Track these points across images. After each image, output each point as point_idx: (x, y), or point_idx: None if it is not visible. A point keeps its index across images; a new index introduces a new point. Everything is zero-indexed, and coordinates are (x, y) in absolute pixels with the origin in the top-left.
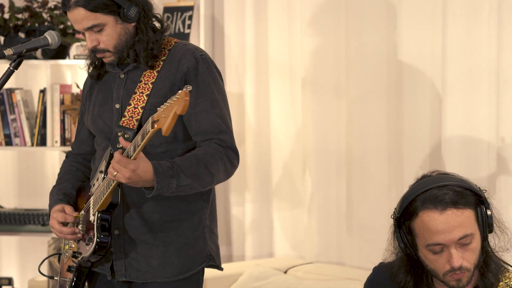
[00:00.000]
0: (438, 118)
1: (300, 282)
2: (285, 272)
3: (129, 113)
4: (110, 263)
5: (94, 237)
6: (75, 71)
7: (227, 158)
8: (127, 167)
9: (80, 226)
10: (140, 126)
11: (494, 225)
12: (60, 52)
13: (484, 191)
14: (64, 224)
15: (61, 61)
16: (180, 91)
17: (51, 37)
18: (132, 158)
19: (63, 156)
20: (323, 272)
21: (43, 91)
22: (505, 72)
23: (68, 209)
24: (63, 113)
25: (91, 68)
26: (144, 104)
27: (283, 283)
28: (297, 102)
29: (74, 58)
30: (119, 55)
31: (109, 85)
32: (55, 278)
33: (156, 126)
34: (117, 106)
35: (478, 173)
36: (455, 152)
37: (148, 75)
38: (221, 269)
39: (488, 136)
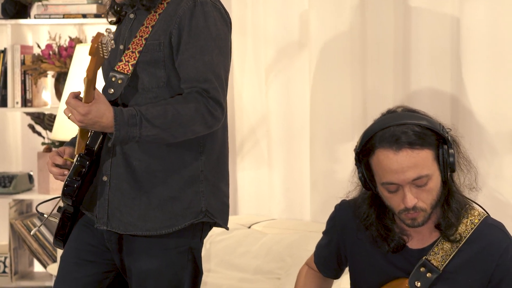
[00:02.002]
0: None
1: (263, 236)
2: (249, 228)
3: (126, 57)
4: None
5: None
6: (36, 32)
7: (206, 109)
8: (77, 109)
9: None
10: (134, 72)
11: (461, 163)
12: (21, 12)
13: (448, 129)
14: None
15: (21, 21)
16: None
17: None
18: (83, 101)
19: (24, 117)
20: (287, 227)
21: (3, 52)
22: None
23: (67, 151)
24: (24, 73)
25: (110, 16)
26: (141, 49)
27: (246, 237)
28: (262, 61)
29: (35, 18)
30: None
31: (122, 25)
32: (44, 215)
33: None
34: (121, 47)
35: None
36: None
37: (151, 18)
38: (227, 228)
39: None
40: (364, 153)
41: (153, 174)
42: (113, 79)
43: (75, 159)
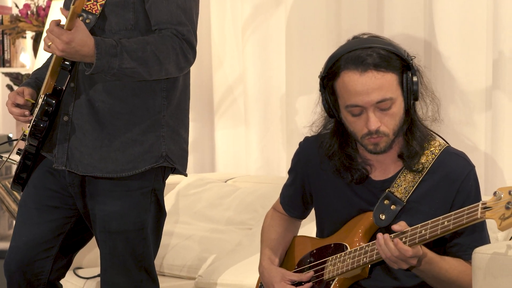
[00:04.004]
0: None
1: (236, 189)
2: (225, 183)
3: None
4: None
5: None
6: None
7: (180, 49)
8: (60, 38)
9: (36, 110)
10: (102, 13)
11: (423, 94)
12: None
13: (413, 57)
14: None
15: None
16: None
17: None
18: (65, 28)
19: (3, 77)
20: (261, 180)
21: None
22: None
23: (27, 91)
24: (2, 33)
25: None
26: None
27: (220, 190)
28: (239, 18)
29: None
30: None
31: None
32: (3, 157)
33: None
34: None
35: None
36: None
37: None
38: (185, 174)
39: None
40: (329, 76)
41: (116, 116)
42: (81, 19)
43: (41, 100)
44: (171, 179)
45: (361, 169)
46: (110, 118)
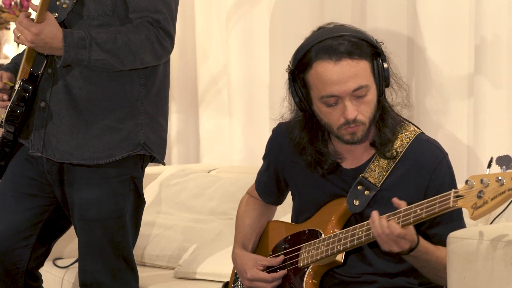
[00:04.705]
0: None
1: (219, 179)
2: (208, 173)
3: None
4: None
5: None
6: None
7: (156, 38)
8: (29, 29)
9: (13, 95)
10: None
11: (392, 80)
12: None
13: (381, 43)
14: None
15: None
16: None
17: None
18: (35, 21)
19: None
20: (244, 171)
21: None
22: None
23: (5, 75)
24: None
25: None
26: None
27: (203, 180)
28: (223, 8)
29: None
30: None
31: None
32: None
33: None
34: None
35: None
36: None
37: None
38: (163, 163)
39: (407, 31)
40: (300, 69)
41: (93, 103)
42: (57, 3)
43: (17, 85)
44: (154, 169)
45: (332, 162)
46: (87, 105)
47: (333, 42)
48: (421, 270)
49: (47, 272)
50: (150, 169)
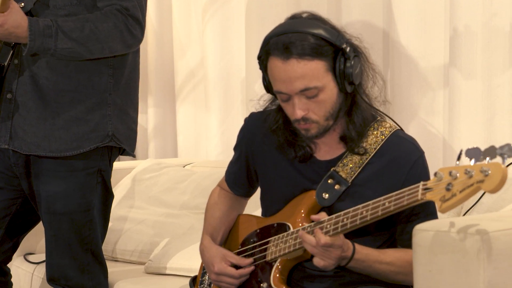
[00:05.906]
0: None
1: (193, 173)
2: (183, 167)
3: None
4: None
5: None
6: None
7: (125, 26)
8: None
9: None
10: None
11: (369, 75)
12: None
13: (356, 38)
14: None
15: None
16: None
17: None
18: None
19: None
20: (219, 165)
21: None
22: None
23: None
24: None
25: None
26: None
27: (176, 174)
28: (199, 2)
29: None
30: None
31: None
32: None
33: None
34: None
35: None
36: None
37: None
38: (133, 155)
39: (383, 24)
40: (263, 57)
41: (60, 94)
42: None
43: None
44: (128, 163)
45: (305, 146)
46: (54, 96)
47: (289, 39)
48: (376, 277)
49: (18, 267)
50: (123, 163)
